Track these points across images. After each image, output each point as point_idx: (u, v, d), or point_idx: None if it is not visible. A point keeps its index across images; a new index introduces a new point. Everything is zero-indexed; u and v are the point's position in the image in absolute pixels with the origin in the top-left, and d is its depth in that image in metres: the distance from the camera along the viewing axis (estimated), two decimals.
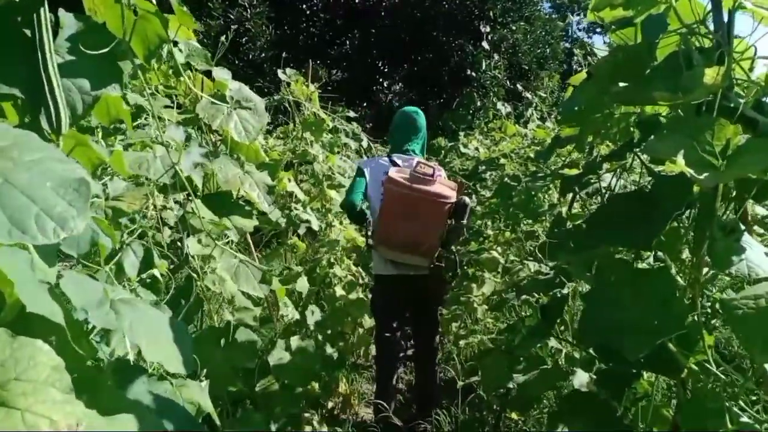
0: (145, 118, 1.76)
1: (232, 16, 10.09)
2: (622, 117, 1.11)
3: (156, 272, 1.20)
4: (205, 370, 1.25)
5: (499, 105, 4.81)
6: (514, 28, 12.57)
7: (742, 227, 0.81)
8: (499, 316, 3.66)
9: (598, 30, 40.07)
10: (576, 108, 0.96)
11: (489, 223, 3.92)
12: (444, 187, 2.51)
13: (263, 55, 10.63)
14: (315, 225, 2.68)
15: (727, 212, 0.85)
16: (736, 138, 0.69)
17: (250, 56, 10.31)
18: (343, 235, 3.80)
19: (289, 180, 2.76)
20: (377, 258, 2.80)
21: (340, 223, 3.71)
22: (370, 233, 2.70)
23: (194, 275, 1.56)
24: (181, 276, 1.68)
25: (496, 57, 11.36)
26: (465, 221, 2.55)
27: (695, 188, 0.72)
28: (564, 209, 2.01)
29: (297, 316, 2.02)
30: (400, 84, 15.57)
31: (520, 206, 2.50)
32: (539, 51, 15.41)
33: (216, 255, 1.59)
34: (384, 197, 2.56)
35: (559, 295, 1.33)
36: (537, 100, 7.52)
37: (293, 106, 3.68)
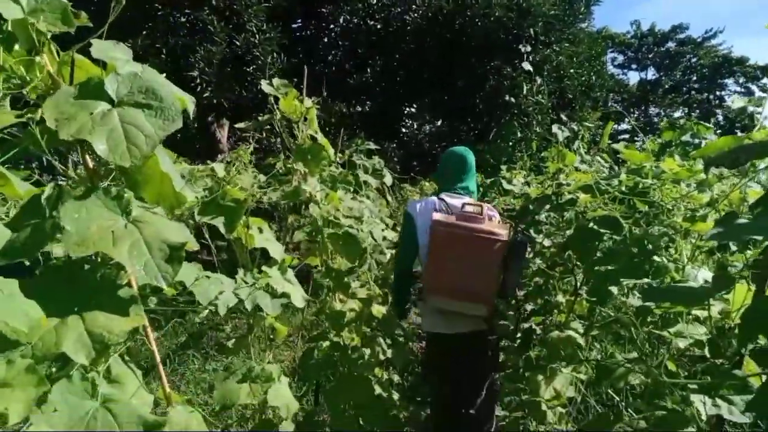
0: None
1: (237, 42, 9.56)
2: None
3: None
4: None
5: (555, 129, 3.97)
6: (557, 48, 11.79)
7: None
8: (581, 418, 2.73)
9: (633, 66, 39.33)
10: None
11: (555, 284, 3.02)
12: (494, 225, 2.51)
13: None
14: (298, 301, 1.83)
15: None
16: None
17: (258, 86, 9.73)
18: (354, 303, 2.96)
19: (260, 230, 1.94)
20: (429, 313, 2.74)
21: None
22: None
23: None
24: None
25: (539, 80, 10.53)
26: (521, 261, 2.51)
27: None
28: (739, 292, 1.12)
29: None
30: (428, 116, 14.88)
31: (628, 270, 1.62)
32: (584, 78, 14.56)
33: (13, 413, 0.75)
34: (432, 240, 2.54)
35: None
36: (583, 131, 6.77)
37: (283, 128, 2.91)
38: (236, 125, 3.01)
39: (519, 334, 3.32)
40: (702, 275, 1.50)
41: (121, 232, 1.02)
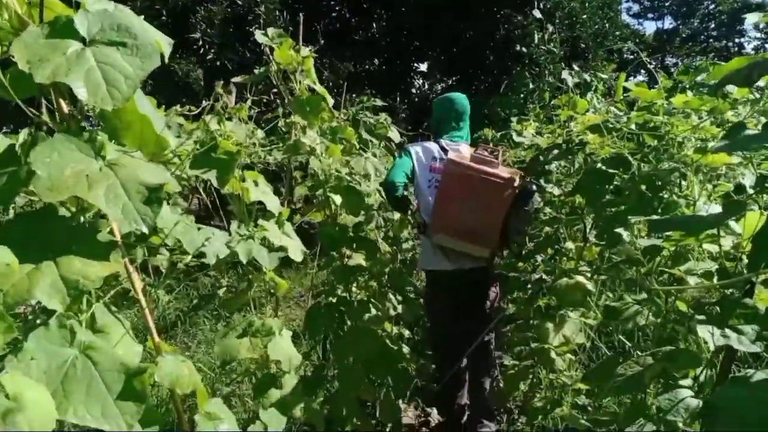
0: None
1: (239, 1, 9.38)
2: None
3: None
4: None
5: (565, 74, 3.84)
6: None
7: None
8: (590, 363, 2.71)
9: (650, 16, 37.85)
10: None
11: (563, 231, 2.97)
12: (506, 171, 2.51)
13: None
14: (296, 254, 1.80)
15: None
16: None
17: (262, 46, 9.57)
18: (359, 258, 2.93)
19: (256, 183, 1.90)
20: (429, 251, 2.78)
21: None
22: (419, 222, 2.84)
23: None
24: None
25: (551, 28, 10.24)
26: (529, 208, 2.54)
27: None
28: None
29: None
30: (438, 74, 14.61)
31: (637, 208, 1.56)
32: (597, 26, 14.11)
33: None
34: (443, 179, 2.59)
35: None
36: (597, 82, 6.59)
37: (280, 79, 2.84)
38: (232, 80, 2.94)
39: (529, 285, 3.29)
40: (713, 209, 1.44)
41: (96, 175, 0.98)
